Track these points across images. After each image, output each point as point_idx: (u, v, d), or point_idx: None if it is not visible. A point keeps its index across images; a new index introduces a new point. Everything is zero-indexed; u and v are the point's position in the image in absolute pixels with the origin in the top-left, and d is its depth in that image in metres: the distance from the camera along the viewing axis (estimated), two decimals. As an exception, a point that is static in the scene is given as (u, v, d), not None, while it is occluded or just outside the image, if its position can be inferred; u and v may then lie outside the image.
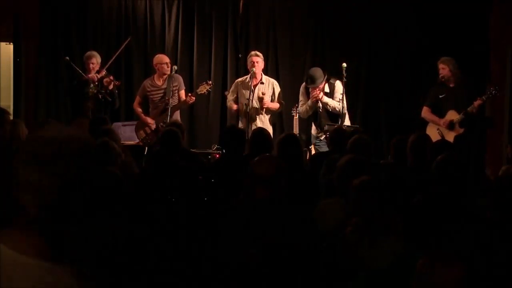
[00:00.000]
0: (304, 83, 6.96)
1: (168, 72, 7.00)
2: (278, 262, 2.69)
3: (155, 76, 7.11)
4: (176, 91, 7.00)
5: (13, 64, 7.96)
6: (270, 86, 7.01)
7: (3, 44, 8.34)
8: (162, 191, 3.31)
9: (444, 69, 6.65)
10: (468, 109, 6.41)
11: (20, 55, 7.91)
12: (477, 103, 6.38)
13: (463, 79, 6.68)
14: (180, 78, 7.15)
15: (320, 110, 6.74)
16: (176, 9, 8.18)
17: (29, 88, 8.02)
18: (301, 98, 6.96)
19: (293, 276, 2.73)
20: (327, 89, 6.78)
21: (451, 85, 6.66)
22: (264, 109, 6.86)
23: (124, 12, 8.21)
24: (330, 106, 6.70)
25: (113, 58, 7.24)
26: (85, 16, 8.15)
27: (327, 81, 6.79)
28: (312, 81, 6.69)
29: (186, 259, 2.94)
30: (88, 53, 7.25)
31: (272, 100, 6.99)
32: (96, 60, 7.15)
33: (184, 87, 7.11)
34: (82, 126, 5.80)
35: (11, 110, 7.95)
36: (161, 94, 6.99)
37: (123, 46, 7.32)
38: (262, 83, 6.96)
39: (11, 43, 8.00)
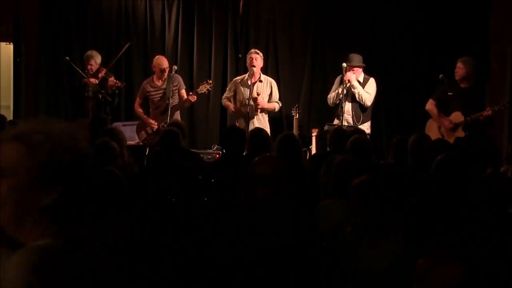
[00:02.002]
0: (339, 76, 6.99)
1: (165, 77, 6.99)
2: (278, 261, 2.69)
3: (154, 77, 7.11)
4: (177, 91, 7.00)
5: (13, 64, 7.96)
6: (268, 85, 7.02)
7: (3, 44, 8.34)
8: (162, 191, 3.31)
9: (461, 69, 6.59)
10: (474, 115, 6.34)
11: (20, 55, 7.91)
12: (486, 113, 6.31)
13: (475, 82, 6.64)
14: (180, 78, 7.14)
15: (345, 98, 6.72)
16: (176, 9, 8.18)
17: (29, 88, 8.02)
18: (334, 86, 6.99)
19: (293, 276, 2.73)
20: (360, 79, 6.86)
21: (462, 85, 6.59)
22: (259, 110, 6.86)
23: (124, 12, 8.21)
24: (356, 90, 6.72)
25: (113, 62, 7.21)
26: (85, 16, 8.15)
27: (364, 71, 6.90)
28: (348, 60, 6.82)
29: (186, 259, 2.94)
30: (88, 53, 7.25)
31: (269, 100, 6.99)
32: (94, 61, 7.14)
33: (184, 87, 7.11)
34: (83, 126, 5.80)
35: (11, 110, 7.97)
36: (161, 94, 6.99)
37: (123, 51, 7.27)
38: (261, 81, 6.97)
39: (11, 43, 8.00)
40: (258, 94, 6.82)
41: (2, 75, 8.32)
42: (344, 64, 6.69)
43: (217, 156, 6.69)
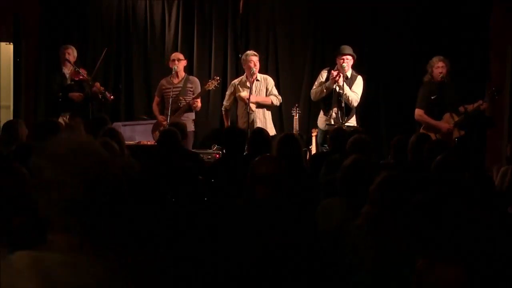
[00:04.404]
0: (326, 68, 6.99)
1: (176, 67, 7.05)
2: (278, 262, 2.69)
3: (172, 74, 7.15)
4: (192, 93, 7.05)
5: (13, 64, 7.96)
6: (264, 81, 7.06)
7: (3, 44, 8.34)
8: (161, 191, 3.31)
9: (444, 68, 6.63)
10: (470, 109, 6.38)
11: (20, 55, 7.90)
12: (483, 106, 6.34)
13: (450, 78, 6.70)
14: (198, 83, 7.20)
15: (334, 97, 6.74)
16: (176, 9, 8.18)
17: (29, 88, 8.02)
18: (319, 79, 6.97)
19: (293, 276, 2.73)
20: (348, 74, 6.83)
21: (441, 84, 6.61)
22: (254, 106, 6.86)
23: (124, 12, 8.21)
24: (344, 91, 6.66)
25: (95, 71, 6.99)
26: (85, 16, 8.16)
27: (352, 68, 6.89)
28: (339, 51, 6.83)
29: (186, 259, 2.94)
30: (63, 46, 7.20)
31: (266, 95, 7.03)
32: (72, 50, 7.08)
33: (199, 91, 7.13)
34: (77, 126, 5.82)
35: (11, 110, 7.97)
36: (177, 93, 7.02)
37: (102, 57, 7.09)
38: (258, 80, 7.01)
39: (11, 43, 8.00)
40: (246, 93, 6.85)
41: (2, 75, 8.32)
42: (344, 64, 6.70)
43: (217, 156, 6.68)
